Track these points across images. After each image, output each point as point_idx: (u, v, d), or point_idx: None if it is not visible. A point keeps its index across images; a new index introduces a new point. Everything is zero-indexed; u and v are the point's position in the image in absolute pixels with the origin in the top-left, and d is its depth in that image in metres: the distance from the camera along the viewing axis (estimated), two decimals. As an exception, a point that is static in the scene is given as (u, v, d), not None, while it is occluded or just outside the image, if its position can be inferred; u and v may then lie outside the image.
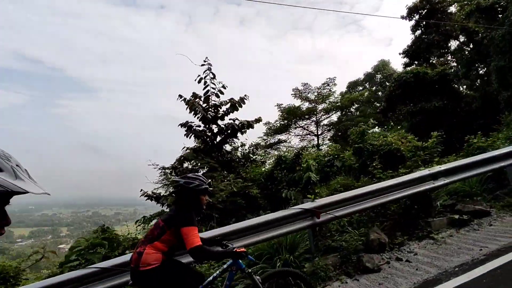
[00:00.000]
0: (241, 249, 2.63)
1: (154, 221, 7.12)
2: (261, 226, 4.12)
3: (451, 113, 16.02)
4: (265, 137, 18.69)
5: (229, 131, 8.48)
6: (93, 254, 6.17)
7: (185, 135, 8.01)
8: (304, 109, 18.28)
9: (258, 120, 8.87)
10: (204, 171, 8.09)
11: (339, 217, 4.48)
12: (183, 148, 8.26)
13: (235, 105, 8.40)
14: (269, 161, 12.45)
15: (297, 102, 18.84)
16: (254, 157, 11.76)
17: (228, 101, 8.40)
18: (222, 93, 8.41)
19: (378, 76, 33.28)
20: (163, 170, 8.08)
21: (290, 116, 17.82)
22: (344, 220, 5.29)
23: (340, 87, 38.82)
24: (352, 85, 37.63)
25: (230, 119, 8.47)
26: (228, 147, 12.66)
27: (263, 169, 10.23)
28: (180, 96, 8.26)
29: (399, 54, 17.82)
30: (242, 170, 10.39)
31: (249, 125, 8.58)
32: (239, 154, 11.93)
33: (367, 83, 36.17)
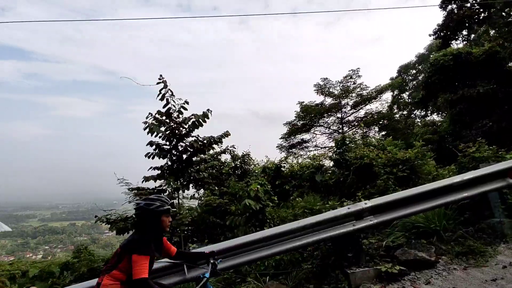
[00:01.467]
0: None
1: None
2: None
3: (503, 99, 13.14)
4: (287, 137, 17.78)
5: (194, 149, 8.11)
6: (42, 282, 6.47)
7: (146, 155, 7.87)
8: (327, 105, 16.84)
9: (226, 135, 8.31)
10: (168, 192, 7.88)
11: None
12: (150, 168, 8.15)
13: (198, 120, 7.98)
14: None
15: (320, 98, 17.44)
16: (247, 167, 11.22)
17: (192, 116, 8.02)
18: (185, 109, 8.05)
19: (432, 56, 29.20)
20: (132, 191, 8.09)
21: (310, 114, 16.57)
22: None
23: (393, 72, 35.42)
24: (404, 69, 33.78)
25: (193, 136, 8.09)
26: (226, 158, 12.35)
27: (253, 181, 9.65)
28: (150, 113, 8.12)
29: (429, 35, 15.12)
30: (227, 183, 9.98)
31: (214, 141, 8.09)
32: (233, 164, 11.50)
33: (420, 65, 32.02)
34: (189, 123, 8.05)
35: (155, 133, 7.78)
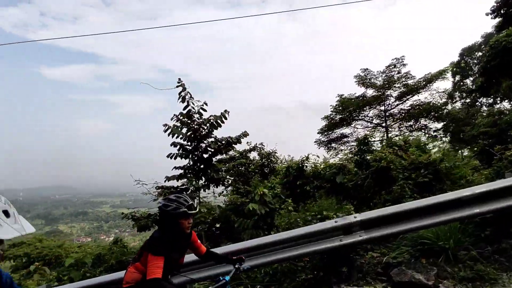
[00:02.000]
0: None
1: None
2: None
3: None
4: (325, 132, 17.07)
5: (213, 149, 8.26)
6: (76, 271, 7.19)
7: (168, 156, 8.23)
8: (369, 97, 15.75)
9: (245, 135, 8.30)
10: (190, 190, 8.15)
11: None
12: (173, 168, 8.52)
13: (217, 121, 8.11)
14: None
15: (361, 90, 16.37)
16: (274, 165, 11.10)
17: (211, 117, 8.18)
18: (205, 110, 8.23)
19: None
20: (158, 189, 8.54)
21: (348, 107, 15.67)
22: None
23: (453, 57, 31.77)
24: (467, 52, 30.03)
25: (212, 136, 8.24)
26: (253, 155, 12.33)
27: (276, 179, 9.55)
28: (175, 115, 8.48)
29: (486, 14, 13.07)
30: (251, 182, 10.02)
31: (232, 142, 8.14)
32: (260, 162, 11.47)
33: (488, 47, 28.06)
34: (208, 124, 8.20)
35: (176, 135, 8.06)
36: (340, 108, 15.65)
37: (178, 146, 8.47)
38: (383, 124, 15.91)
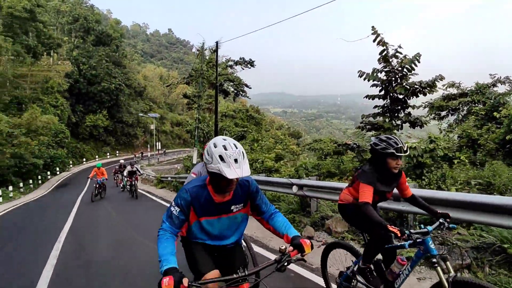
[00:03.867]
0: (395, 229, 2.17)
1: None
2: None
3: None
4: None
5: (408, 91, 8.43)
6: (304, 169, 10.71)
7: (365, 97, 9.31)
8: None
9: (441, 78, 7.66)
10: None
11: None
12: (374, 107, 9.49)
13: (410, 65, 8.15)
14: None
15: None
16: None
17: (404, 60, 8.26)
18: (400, 53, 8.39)
19: None
20: (362, 123, 10.09)
21: None
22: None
23: None
24: None
25: (407, 80, 8.27)
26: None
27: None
28: (360, 71, 9.33)
29: None
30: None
31: (423, 86, 7.91)
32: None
33: None
34: (402, 67, 8.41)
35: (372, 80, 9.04)
36: None
37: (380, 88, 9.40)
38: None
